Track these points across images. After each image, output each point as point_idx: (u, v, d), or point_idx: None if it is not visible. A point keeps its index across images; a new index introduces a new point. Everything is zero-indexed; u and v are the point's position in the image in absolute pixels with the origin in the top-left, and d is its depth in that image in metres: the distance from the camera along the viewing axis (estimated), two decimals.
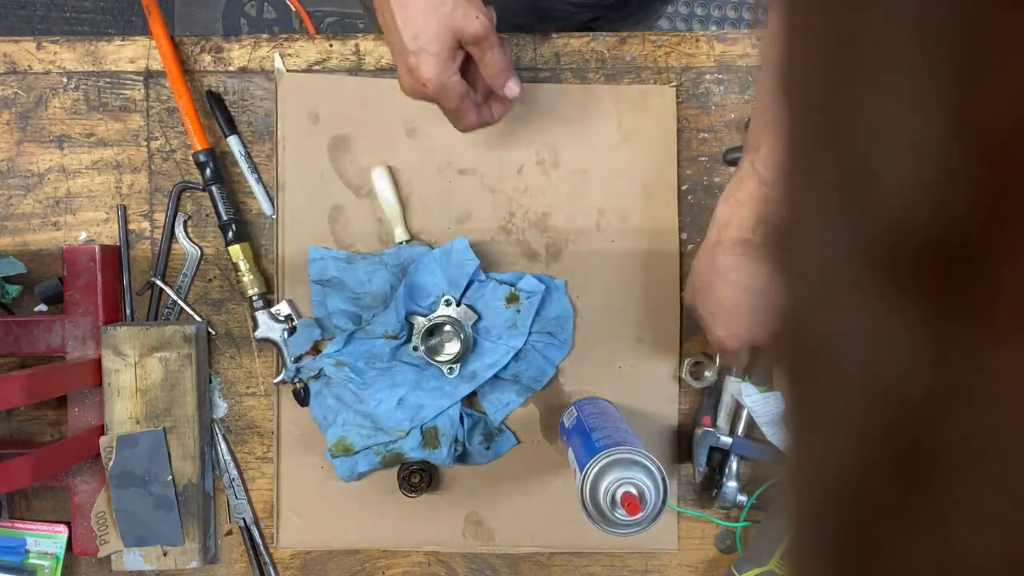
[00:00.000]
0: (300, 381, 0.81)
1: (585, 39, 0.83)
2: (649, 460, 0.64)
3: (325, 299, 0.80)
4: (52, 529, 0.80)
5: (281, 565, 0.83)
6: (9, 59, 0.82)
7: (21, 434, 0.83)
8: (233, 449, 0.82)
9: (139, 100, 0.83)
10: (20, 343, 0.78)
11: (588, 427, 0.71)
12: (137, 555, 0.79)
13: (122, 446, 0.77)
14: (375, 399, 0.79)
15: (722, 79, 0.82)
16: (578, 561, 0.83)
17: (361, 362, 0.80)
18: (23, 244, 0.82)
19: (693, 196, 0.82)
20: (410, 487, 0.79)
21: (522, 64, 0.82)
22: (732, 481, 0.79)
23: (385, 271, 0.80)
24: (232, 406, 0.83)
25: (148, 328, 0.78)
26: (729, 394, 0.80)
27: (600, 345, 0.82)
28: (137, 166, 0.83)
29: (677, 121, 0.81)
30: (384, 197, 0.80)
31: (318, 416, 0.81)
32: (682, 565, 0.82)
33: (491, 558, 0.83)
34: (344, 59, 0.83)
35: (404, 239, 0.80)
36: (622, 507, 0.63)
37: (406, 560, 0.83)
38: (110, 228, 0.83)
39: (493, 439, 0.81)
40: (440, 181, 0.82)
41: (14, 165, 0.82)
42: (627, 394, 0.81)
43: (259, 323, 0.81)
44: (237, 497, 0.82)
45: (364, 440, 0.79)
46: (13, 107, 0.82)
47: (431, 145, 0.82)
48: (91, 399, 0.80)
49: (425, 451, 0.79)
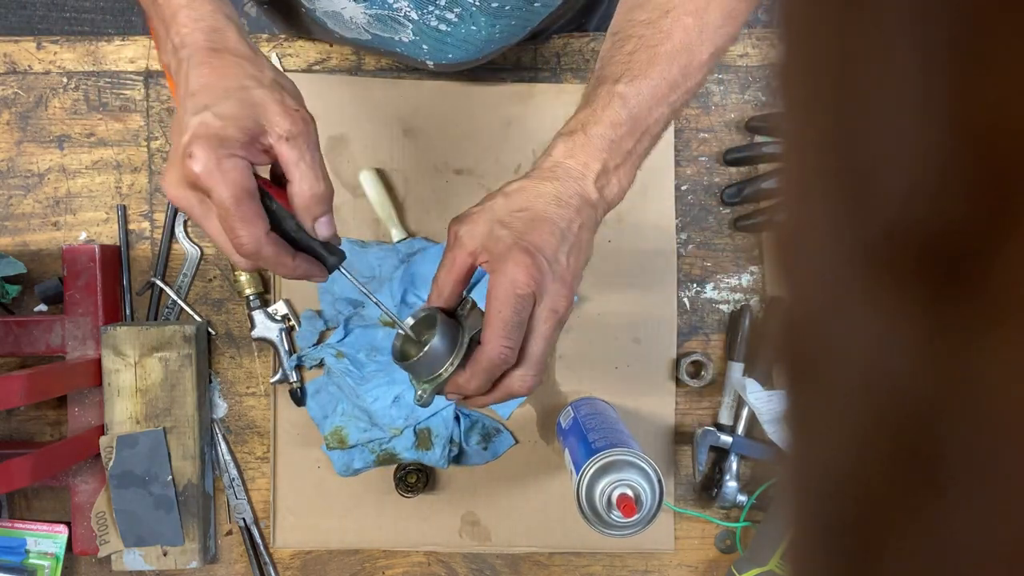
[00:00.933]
0: (297, 381, 0.81)
1: (585, 39, 0.83)
2: (645, 462, 0.64)
3: (332, 284, 0.80)
4: (52, 529, 0.80)
5: (281, 565, 0.83)
6: (9, 59, 0.82)
7: (21, 434, 0.83)
8: (233, 449, 0.82)
9: (139, 100, 0.83)
10: (20, 343, 0.78)
11: (584, 428, 0.71)
12: (137, 555, 0.79)
13: (122, 446, 0.77)
14: (372, 395, 0.79)
15: (722, 79, 0.82)
16: (578, 561, 0.83)
17: (362, 354, 0.80)
18: (23, 244, 0.82)
19: (693, 196, 0.82)
20: (406, 487, 0.79)
21: (522, 64, 0.83)
22: (732, 481, 0.79)
23: (396, 259, 0.80)
24: (232, 406, 0.83)
25: (148, 328, 0.78)
26: (731, 391, 0.80)
27: (597, 346, 0.82)
28: (137, 166, 0.83)
29: (677, 121, 0.81)
30: (374, 200, 0.80)
31: (316, 415, 0.81)
32: (682, 565, 0.82)
33: (491, 558, 0.83)
34: (344, 59, 0.83)
35: (400, 239, 0.80)
36: (618, 509, 0.63)
37: (406, 560, 0.83)
38: (110, 228, 0.83)
39: (491, 439, 0.81)
40: (437, 181, 0.82)
41: (14, 165, 0.82)
42: (624, 395, 0.81)
43: (256, 323, 0.81)
44: (237, 497, 0.82)
45: (359, 434, 0.79)
46: (13, 107, 0.82)
47: (428, 145, 0.82)
48: (91, 399, 0.80)
49: (418, 452, 0.79)
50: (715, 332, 0.82)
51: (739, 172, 0.82)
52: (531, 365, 0.54)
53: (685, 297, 0.82)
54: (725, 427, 0.80)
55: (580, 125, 0.57)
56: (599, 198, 0.57)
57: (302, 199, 0.51)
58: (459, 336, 0.55)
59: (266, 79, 0.51)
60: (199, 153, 0.47)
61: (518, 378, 0.55)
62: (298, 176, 0.50)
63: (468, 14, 0.69)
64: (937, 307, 0.13)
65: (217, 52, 0.51)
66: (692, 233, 0.82)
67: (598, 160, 0.56)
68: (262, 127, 0.49)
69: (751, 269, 0.82)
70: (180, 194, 0.49)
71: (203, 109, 0.48)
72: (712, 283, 0.82)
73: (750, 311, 0.80)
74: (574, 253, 0.55)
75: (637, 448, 0.66)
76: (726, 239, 0.82)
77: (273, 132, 0.50)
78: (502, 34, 0.72)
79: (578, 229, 0.55)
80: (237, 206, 0.48)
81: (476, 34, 0.71)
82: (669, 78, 0.57)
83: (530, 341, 0.54)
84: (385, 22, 0.71)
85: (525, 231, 0.54)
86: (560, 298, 0.54)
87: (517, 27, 0.73)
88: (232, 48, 0.52)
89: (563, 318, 0.55)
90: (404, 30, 0.71)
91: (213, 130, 0.47)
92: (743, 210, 0.81)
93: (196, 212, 0.50)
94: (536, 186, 0.56)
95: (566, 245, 0.55)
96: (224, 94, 0.49)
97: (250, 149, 0.49)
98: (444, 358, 0.55)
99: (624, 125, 0.56)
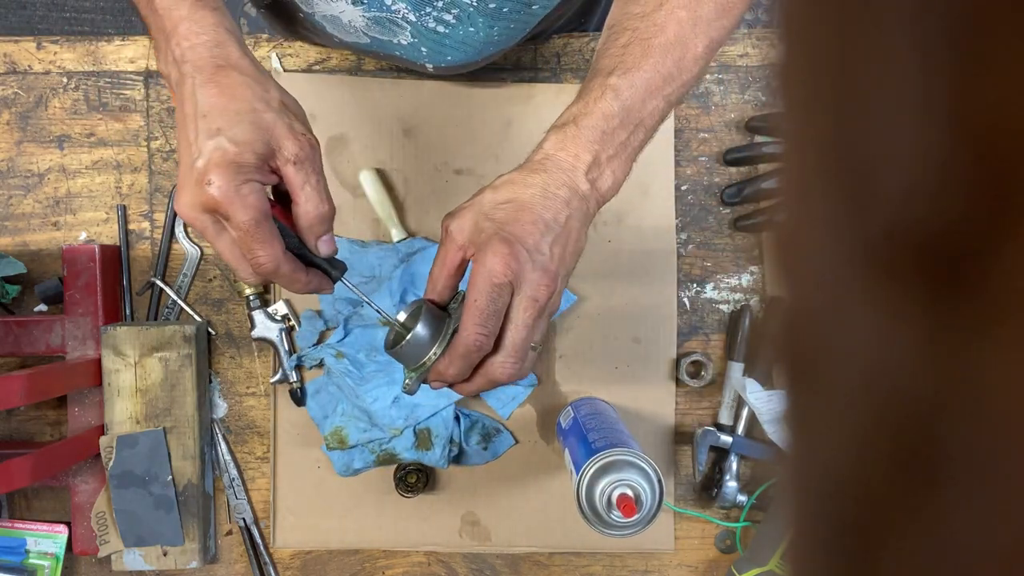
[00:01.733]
0: (297, 381, 0.81)
1: (585, 39, 0.83)
2: (645, 462, 0.64)
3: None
4: (52, 529, 0.80)
5: (281, 565, 0.83)
6: (9, 59, 0.82)
7: (21, 434, 0.83)
8: (233, 449, 0.82)
9: (139, 100, 0.83)
10: (20, 343, 0.78)
11: (584, 428, 0.71)
12: (137, 555, 0.79)
13: (122, 446, 0.77)
14: (371, 395, 0.79)
15: (722, 79, 0.82)
16: (578, 561, 0.83)
17: (362, 354, 0.80)
18: (23, 244, 0.82)
19: (693, 196, 0.82)
20: (406, 487, 0.79)
21: (522, 64, 0.83)
22: (732, 481, 0.79)
23: (395, 259, 0.80)
24: (232, 406, 0.83)
25: (148, 328, 0.78)
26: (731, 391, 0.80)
27: (597, 345, 0.82)
28: (137, 166, 0.83)
29: (677, 121, 0.81)
30: (374, 200, 0.80)
31: (316, 415, 0.81)
32: (682, 565, 0.82)
33: (491, 558, 0.83)
34: (344, 59, 0.83)
35: (400, 239, 0.80)
36: (618, 509, 0.63)
37: (406, 560, 0.83)
38: (110, 228, 0.83)
39: (491, 439, 0.81)
40: (437, 181, 0.82)
41: (14, 165, 0.82)
42: (624, 395, 0.81)
43: (256, 323, 0.81)
44: (237, 497, 0.82)
45: (359, 434, 0.79)
46: (13, 107, 0.82)
47: (428, 145, 0.82)
48: (91, 399, 0.80)
49: (418, 452, 0.79)
50: (715, 332, 0.82)
51: (739, 172, 0.82)
52: (509, 352, 0.55)
53: (685, 297, 0.82)
54: (725, 427, 0.80)
55: (572, 117, 0.57)
56: (591, 189, 0.56)
57: (307, 219, 0.53)
58: (444, 326, 0.56)
59: (274, 101, 0.52)
60: (218, 181, 0.49)
61: (498, 364, 0.55)
62: (303, 198, 0.52)
63: (466, 15, 0.69)
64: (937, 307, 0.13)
65: (223, 69, 0.52)
66: (692, 233, 0.82)
67: (589, 152, 0.56)
68: (272, 150, 0.51)
69: (751, 269, 0.82)
70: (195, 216, 0.51)
71: (217, 133, 0.49)
72: (712, 283, 0.82)
73: (750, 311, 0.80)
74: (559, 243, 0.55)
75: (637, 448, 0.66)
76: (726, 239, 0.82)
77: (281, 155, 0.51)
78: (500, 36, 0.72)
79: (565, 220, 0.55)
80: (256, 228, 0.50)
81: (474, 36, 0.71)
82: (663, 71, 0.57)
83: (508, 329, 0.54)
84: (383, 24, 0.71)
85: (506, 222, 0.54)
86: (541, 287, 0.54)
87: (515, 29, 0.73)
88: (236, 64, 0.52)
89: (545, 307, 0.55)
90: (402, 32, 0.71)
91: (230, 156, 0.49)
92: (743, 210, 0.81)
93: (209, 232, 0.51)
94: (524, 178, 0.56)
95: (550, 235, 0.55)
96: (236, 118, 0.50)
97: (262, 171, 0.51)
98: (428, 347, 0.56)
99: (616, 117, 0.56)
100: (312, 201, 0.52)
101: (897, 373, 0.14)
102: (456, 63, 0.74)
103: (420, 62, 0.75)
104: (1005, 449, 0.12)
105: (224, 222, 0.51)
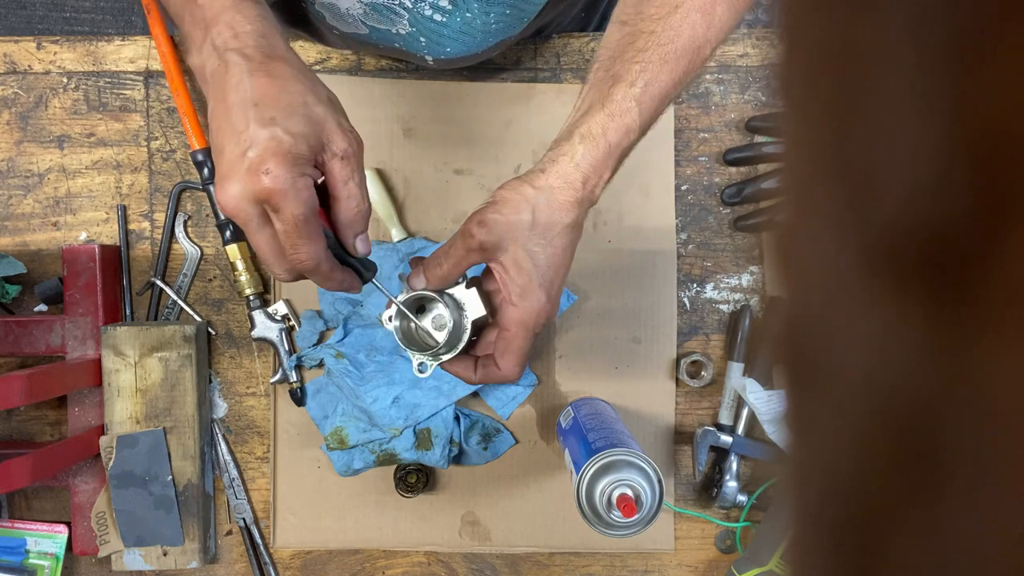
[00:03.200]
0: (297, 381, 0.81)
1: (585, 39, 0.83)
2: (645, 462, 0.64)
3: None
4: (52, 529, 0.80)
5: (281, 565, 0.83)
6: (9, 59, 0.82)
7: (21, 434, 0.83)
8: (233, 449, 0.82)
9: (139, 100, 0.83)
10: (20, 343, 0.78)
11: (584, 428, 0.71)
12: (137, 555, 0.79)
13: (122, 446, 0.77)
14: (371, 396, 0.79)
15: (722, 79, 0.82)
16: (578, 561, 0.83)
17: (362, 354, 0.80)
18: (23, 244, 0.82)
19: (693, 196, 0.82)
20: (406, 487, 0.79)
21: (522, 64, 0.83)
22: (732, 481, 0.79)
23: (396, 259, 0.80)
24: (232, 406, 0.83)
25: (148, 328, 0.78)
26: (731, 391, 0.80)
27: (597, 345, 0.82)
28: (137, 166, 0.83)
29: (677, 121, 0.81)
30: (374, 200, 0.80)
31: (316, 415, 0.81)
32: (682, 565, 0.82)
33: (491, 558, 0.83)
34: (344, 59, 0.83)
35: (400, 239, 0.80)
36: (618, 509, 0.63)
37: (406, 560, 0.83)
38: (110, 228, 0.83)
39: (491, 439, 0.81)
40: (437, 181, 0.82)
41: (14, 165, 0.82)
42: (624, 394, 0.81)
43: (256, 323, 0.81)
44: (237, 497, 0.82)
45: (359, 435, 0.79)
46: (13, 107, 0.82)
47: (428, 145, 0.82)
48: (91, 399, 0.80)
49: (418, 452, 0.79)
50: (715, 332, 0.82)
51: (739, 172, 0.82)
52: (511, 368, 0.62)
53: (685, 297, 0.82)
54: (725, 427, 0.80)
55: (601, 131, 0.58)
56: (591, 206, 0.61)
57: (348, 215, 0.52)
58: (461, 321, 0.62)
59: (323, 96, 0.52)
60: (277, 170, 0.47)
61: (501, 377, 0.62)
62: (346, 194, 0.51)
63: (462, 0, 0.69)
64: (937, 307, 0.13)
65: (272, 59, 0.51)
66: (692, 233, 0.82)
67: (609, 169, 0.59)
68: (322, 145, 0.50)
69: (751, 269, 0.82)
70: (243, 207, 0.48)
71: (271, 123, 0.48)
72: (712, 283, 0.82)
73: (750, 311, 0.80)
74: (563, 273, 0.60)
75: (637, 448, 0.66)
76: (726, 239, 0.82)
77: (330, 150, 0.50)
78: (498, 24, 0.72)
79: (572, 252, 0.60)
80: (306, 224, 0.48)
81: (471, 23, 0.71)
82: (676, 78, 0.59)
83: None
84: (381, 12, 0.71)
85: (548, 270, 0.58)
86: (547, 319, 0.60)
87: (512, 17, 0.72)
88: (284, 56, 0.52)
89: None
90: (400, 21, 0.71)
91: (286, 147, 0.47)
92: (743, 210, 0.81)
93: (253, 225, 0.49)
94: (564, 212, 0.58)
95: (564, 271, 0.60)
96: (289, 110, 0.49)
97: (311, 165, 0.50)
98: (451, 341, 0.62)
99: (635, 131, 0.59)
100: (355, 197, 0.52)
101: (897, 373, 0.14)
102: (456, 55, 0.74)
103: (420, 54, 0.75)
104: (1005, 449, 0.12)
105: (273, 215, 0.49)
